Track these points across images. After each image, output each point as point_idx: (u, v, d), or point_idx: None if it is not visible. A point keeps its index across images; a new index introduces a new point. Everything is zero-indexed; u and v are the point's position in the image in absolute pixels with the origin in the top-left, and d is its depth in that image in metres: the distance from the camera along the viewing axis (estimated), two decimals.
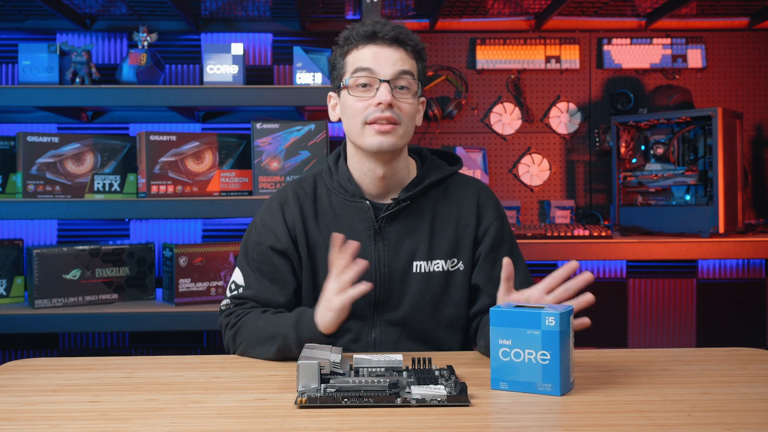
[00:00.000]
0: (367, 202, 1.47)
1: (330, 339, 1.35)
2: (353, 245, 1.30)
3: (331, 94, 1.53)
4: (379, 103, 1.39)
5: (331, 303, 1.31)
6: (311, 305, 1.44)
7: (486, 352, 1.38)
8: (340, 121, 1.51)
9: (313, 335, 1.33)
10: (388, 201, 1.49)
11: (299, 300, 1.52)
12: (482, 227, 1.51)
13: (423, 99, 1.51)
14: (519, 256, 1.54)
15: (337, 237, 1.31)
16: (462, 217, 1.51)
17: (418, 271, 1.48)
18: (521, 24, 3.18)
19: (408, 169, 1.52)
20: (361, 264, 1.30)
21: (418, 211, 1.49)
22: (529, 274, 1.54)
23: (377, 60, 1.41)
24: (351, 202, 1.49)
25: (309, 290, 1.49)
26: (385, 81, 1.40)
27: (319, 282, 1.47)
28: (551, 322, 1.10)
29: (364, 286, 1.29)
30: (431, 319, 1.49)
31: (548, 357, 1.10)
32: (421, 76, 1.47)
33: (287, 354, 1.36)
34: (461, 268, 1.49)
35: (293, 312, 1.40)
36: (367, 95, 1.41)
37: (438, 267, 1.48)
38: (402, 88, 1.42)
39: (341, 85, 1.46)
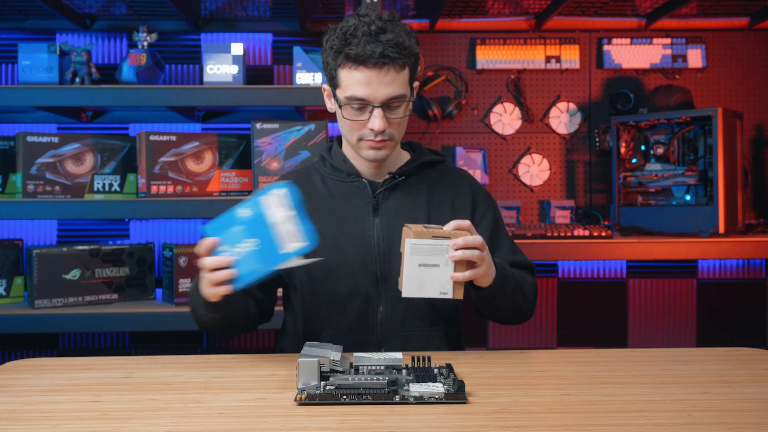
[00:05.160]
0: (364, 179, 1.54)
1: (215, 307, 1.35)
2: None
3: (324, 86, 1.55)
4: (373, 129, 1.44)
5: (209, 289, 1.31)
6: (307, 290, 1.50)
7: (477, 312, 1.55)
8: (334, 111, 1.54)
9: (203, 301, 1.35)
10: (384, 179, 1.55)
11: (292, 288, 1.55)
12: (478, 214, 1.58)
13: (416, 83, 1.53)
14: (510, 239, 1.62)
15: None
16: (457, 198, 1.57)
17: None
18: (521, 24, 3.18)
19: (401, 155, 1.60)
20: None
21: (413, 188, 1.55)
22: (517, 247, 1.61)
23: (369, 85, 1.41)
24: (347, 182, 1.55)
25: (303, 272, 1.49)
26: (378, 107, 1.42)
27: (313, 265, 1.48)
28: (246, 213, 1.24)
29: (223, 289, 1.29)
30: None
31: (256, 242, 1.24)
32: (412, 76, 1.49)
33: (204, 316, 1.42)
34: None
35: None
36: (362, 117, 1.45)
37: None
38: (395, 107, 1.45)
39: (335, 97, 1.49)
